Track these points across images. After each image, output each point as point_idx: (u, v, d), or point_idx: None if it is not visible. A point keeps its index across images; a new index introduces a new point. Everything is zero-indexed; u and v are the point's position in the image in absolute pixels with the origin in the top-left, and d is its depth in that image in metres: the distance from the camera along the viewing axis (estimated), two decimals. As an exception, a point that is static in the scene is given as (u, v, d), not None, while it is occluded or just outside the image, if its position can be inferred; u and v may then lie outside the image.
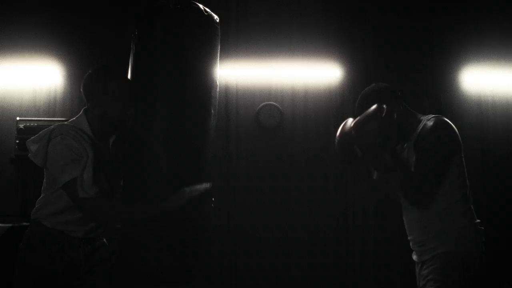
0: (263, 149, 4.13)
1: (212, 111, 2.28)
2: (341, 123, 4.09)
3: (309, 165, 4.13)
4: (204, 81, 2.24)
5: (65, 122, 2.07)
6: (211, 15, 2.30)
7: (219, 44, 2.33)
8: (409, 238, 2.19)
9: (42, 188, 2.08)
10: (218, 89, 2.33)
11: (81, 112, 2.09)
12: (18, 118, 3.79)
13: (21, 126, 3.73)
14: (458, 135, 2.09)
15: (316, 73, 4.19)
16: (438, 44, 4.19)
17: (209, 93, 2.26)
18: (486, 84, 4.27)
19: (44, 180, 2.06)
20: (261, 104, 4.16)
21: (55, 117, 3.94)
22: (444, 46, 4.19)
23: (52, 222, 2.00)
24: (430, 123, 2.04)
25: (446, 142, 2.01)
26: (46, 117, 3.94)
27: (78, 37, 4.04)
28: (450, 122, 2.08)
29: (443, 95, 4.07)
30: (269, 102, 4.16)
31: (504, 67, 4.24)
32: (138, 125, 2.13)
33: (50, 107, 4.02)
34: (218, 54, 2.33)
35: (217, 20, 2.33)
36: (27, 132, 3.71)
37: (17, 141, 3.70)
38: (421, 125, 2.08)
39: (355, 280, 4.06)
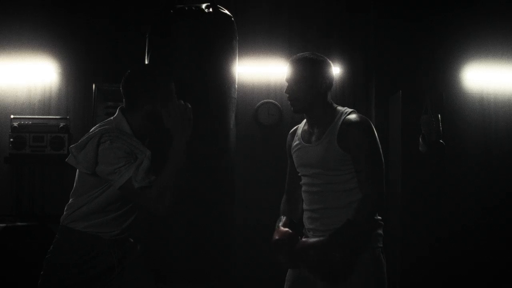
0: (261, 148, 4.09)
1: (232, 110, 2.32)
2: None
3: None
4: (225, 82, 2.27)
5: (104, 124, 2.00)
6: (232, 18, 2.35)
7: (237, 46, 2.37)
8: (308, 226, 2.11)
9: (73, 193, 2.02)
10: (236, 89, 2.37)
11: (117, 112, 2.03)
12: (12, 116, 3.77)
13: (16, 124, 3.72)
14: None
15: (315, 71, 4.14)
16: (440, 42, 4.15)
17: (230, 93, 2.30)
18: (488, 82, 4.23)
19: (78, 185, 2.00)
20: (260, 102, 4.12)
21: (50, 115, 3.91)
22: (446, 44, 4.15)
23: (86, 224, 1.95)
24: (354, 118, 1.99)
25: (377, 138, 2.01)
26: (41, 115, 3.90)
27: (74, 34, 4.00)
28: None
29: (445, 93, 4.03)
30: (268, 100, 4.12)
31: (506, 65, 4.21)
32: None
33: (45, 105, 3.98)
34: (237, 56, 2.37)
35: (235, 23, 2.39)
36: (22, 130, 3.69)
37: (11, 140, 3.67)
38: (340, 118, 2.02)
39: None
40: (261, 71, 4.13)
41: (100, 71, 3.97)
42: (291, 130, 2.27)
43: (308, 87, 2.03)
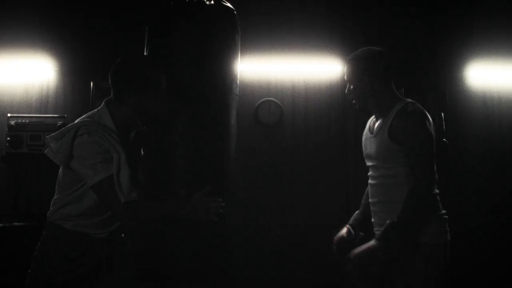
0: (262, 148, 4.05)
1: (234, 107, 2.28)
2: (342, 120, 4.05)
3: (310, 164, 4.04)
4: (227, 77, 2.23)
5: (86, 117, 1.95)
6: (234, 11, 2.30)
7: (239, 41, 2.33)
8: (372, 220, 2.18)
9: (57, 186, 1.98)
10: (238, 85, 2.33)
11: (102, 104, 1.98)
12: (9, 115, 3.73)
13: (12, 122, 3.68)
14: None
15: (317, 68, 4.11)
16: (443, 39, 4.12)
17: (231, 89, 2.26)
18: (491, 80, 4.20)
19: (61, 179, 1.96)
20: (260, 100, 4.07)
21: (48, 114, 3.86)
22: (449, 41, 4.12)
23: (73, 223, 1.92)
24: (405, 110, 2.01)
25: (430, 130, 2.00)
26: (38, 114, 3.86)
27: (72, 32, 3.95)
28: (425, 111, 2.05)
29: (448, 91, 4.00)
30: (269, 98, 4.08)
31: (510, 62, 4.18)
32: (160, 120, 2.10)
33: (43, 104, 3.93)
34: (239, 51, 2.33)
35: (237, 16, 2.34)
36: (19, 129, 3.65)
37: (8, 139, 3.63)
38: (395, 110, 2.05)
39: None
40: (261, 68, 4.07)
41: (98, 69, 3.92)
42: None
43: (361, 86, 2.10)
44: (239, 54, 2.35)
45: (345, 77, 2.17)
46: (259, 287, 3.85)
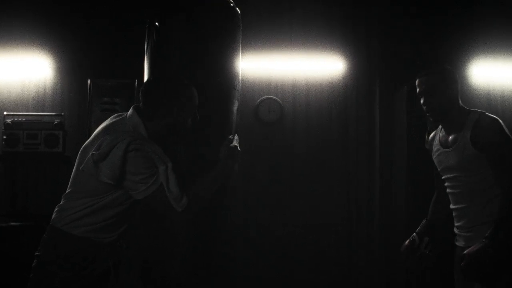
0: (262, 146, 4.02)
1: (236, 102, 2.28)
2: (344, 117, 4.00)
3: (311, 163, 4.02)
4: (228, 74, 2.23)
5: (115, 124, 1.94)
6: (235, 7, 2.29)
7: (240, 36, 2.32)
8: (456, 225, 2.35)
9: (67, 195, 1.94)
10: (240, 81, 2.33)
11: (132, 112, 1.97)
12: (5, 113, 3.70)
13: (9, 121, 3.64)
14: None
15: (318, 66, 4.08)
16: (445, 36, 4.10)
17: (233, 85, 2.25)
18: (495, 77, 4.19)
19: (76, 187, 1.92)
20: (260, 98, 4.04)
21: (45, 112, 3.82)
22: (452, 38, 4.10)
23: (84, 229, 1.88)
24: (484, 119, 2.23)
25: (510, 136, 2.23)
26: (35, 112, 3.81)
27: (69, 29, 3.91)
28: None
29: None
30: (269, 96, 4.05)
31: (512, 60, 4.16)
32: None
33: (39, 102, 3.89)
34: (240, 45, 2.32)
35: (239, 12, 2.33)
36: (15, 127, 3.62)
37: (4, 137, 3.60)
38: (472, 120, 2.24)
39: (359, 280, 3.98)
40: (262, 66, 4.04)
41: (95, 67, 3.89)
42: (430, 136, 2.55)
43: (441, 98, 2.29)
44: (240, 50, 2.31)
45: (426, 88, 2.30)
46: (259, 287, 3.81)
